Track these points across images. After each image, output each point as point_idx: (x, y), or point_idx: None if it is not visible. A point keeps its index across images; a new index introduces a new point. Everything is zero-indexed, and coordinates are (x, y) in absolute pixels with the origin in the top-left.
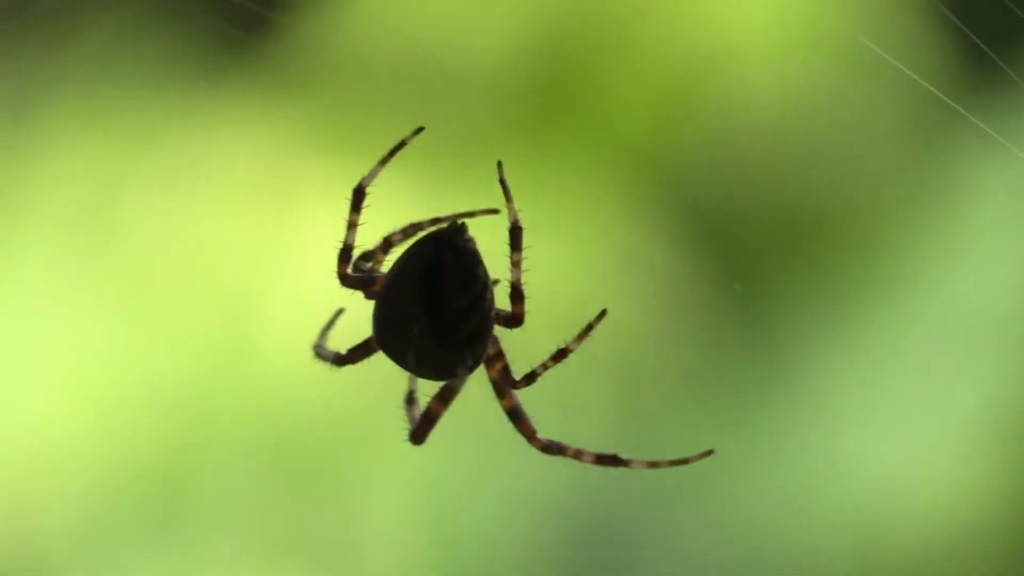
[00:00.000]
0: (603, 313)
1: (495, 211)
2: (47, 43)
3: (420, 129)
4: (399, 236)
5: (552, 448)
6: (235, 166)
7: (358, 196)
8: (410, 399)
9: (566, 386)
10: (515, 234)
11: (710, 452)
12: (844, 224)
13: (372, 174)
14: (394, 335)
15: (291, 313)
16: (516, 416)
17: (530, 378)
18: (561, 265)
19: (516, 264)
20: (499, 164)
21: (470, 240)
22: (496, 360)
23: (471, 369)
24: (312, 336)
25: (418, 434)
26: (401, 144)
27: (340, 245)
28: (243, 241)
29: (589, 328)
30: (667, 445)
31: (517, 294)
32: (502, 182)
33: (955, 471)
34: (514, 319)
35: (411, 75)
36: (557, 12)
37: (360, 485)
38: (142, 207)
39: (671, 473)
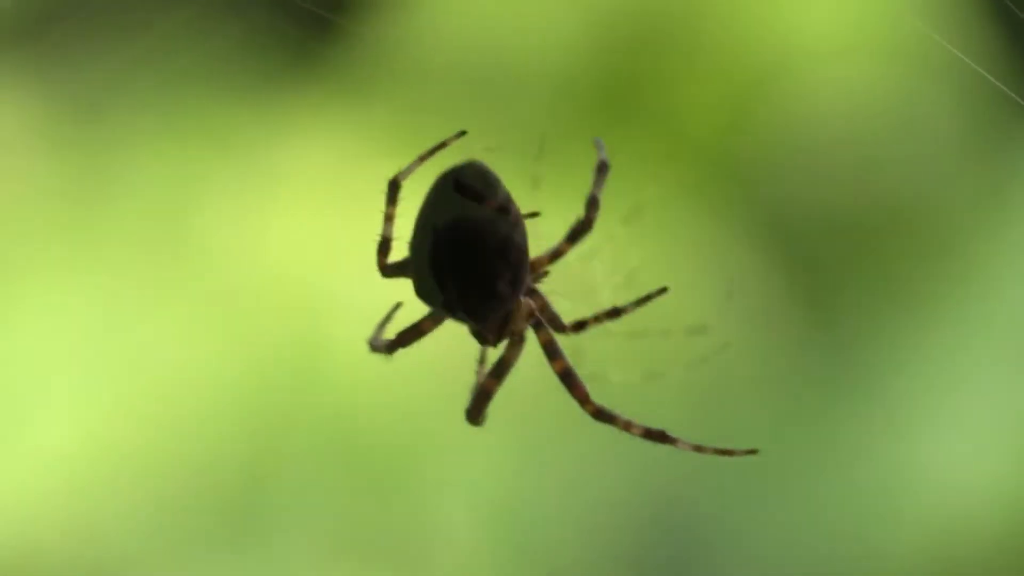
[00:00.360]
0: (663, 289)
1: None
2: (113, 40)
3: (462, 132)
4: None
5: (602, 415)
6: (307, 171)
7: (393, 190)
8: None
9: (639, 382)
10: (601, 169)
11: (754, 451)
12: (916, 227)
13: (409, 170)
14: (430, 275)
15: (365, 316)
16: (568, 379)
17: (580, 326)
18: (630, 263)
19: (597, 183)
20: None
21: (482, 165)
22: (542, 310)
23: (512, 287)
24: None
25: (473, 412)
26: (441, 144)
27: (378, 238)
28: (315, 245)
29: (647, 298)
30: (738, 444)
31: (593, 202)
32: (597, 143)
33: None
34: (585, 224)
35: (479, 77)
36: (625, 14)
37: (432, 485)
38: (214, 211)
39: (742, 473)
